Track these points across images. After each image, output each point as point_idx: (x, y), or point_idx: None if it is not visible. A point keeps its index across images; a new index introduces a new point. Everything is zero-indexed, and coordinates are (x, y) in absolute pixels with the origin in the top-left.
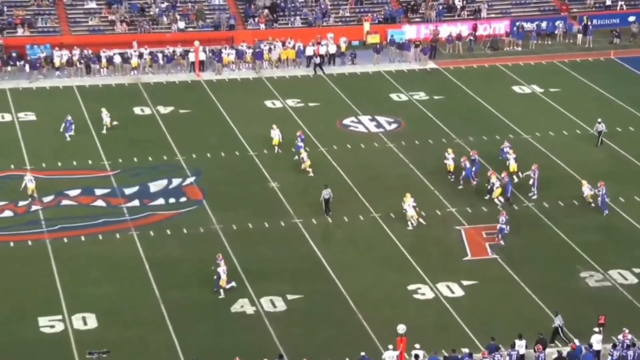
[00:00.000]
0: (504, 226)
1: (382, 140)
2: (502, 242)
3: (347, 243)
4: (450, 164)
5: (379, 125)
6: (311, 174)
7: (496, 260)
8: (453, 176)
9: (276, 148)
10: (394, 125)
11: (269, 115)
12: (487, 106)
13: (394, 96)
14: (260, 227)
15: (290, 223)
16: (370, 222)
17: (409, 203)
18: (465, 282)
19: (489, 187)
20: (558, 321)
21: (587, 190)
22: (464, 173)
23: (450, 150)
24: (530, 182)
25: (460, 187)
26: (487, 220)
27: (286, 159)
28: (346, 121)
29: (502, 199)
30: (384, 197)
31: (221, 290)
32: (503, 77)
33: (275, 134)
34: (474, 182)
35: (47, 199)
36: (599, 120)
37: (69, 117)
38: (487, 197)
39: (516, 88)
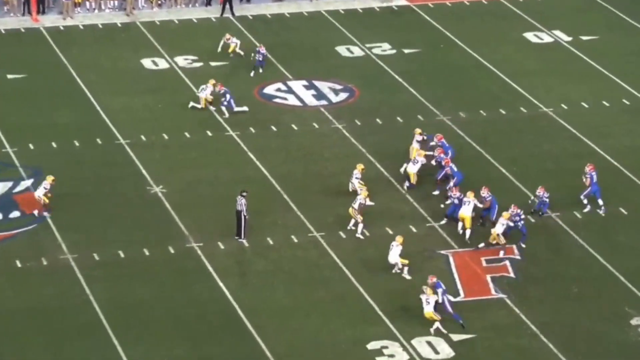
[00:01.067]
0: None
1: (326, 118)
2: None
3: (273, 279)
4: (411, 168)
5: (319, 95)
6: None
7: (503, 301)
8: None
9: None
10: (343, 95)
11: (148, 81)
12: (486, 64)
13: (342, 50)
14: (136, 257)
15: (184, 248)
16: (308, 246)
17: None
18: (455, 337)
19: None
20: None
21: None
22: (440, 172)
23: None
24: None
25: (436, 192)
26: (487, 239)
27: (177, 144)
28: (269, 89)
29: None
30: (329, 207)
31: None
32: (510, 19)
33: (232, 42)
34: (441, 188)
35: None
36: None
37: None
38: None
39: (530, 35)
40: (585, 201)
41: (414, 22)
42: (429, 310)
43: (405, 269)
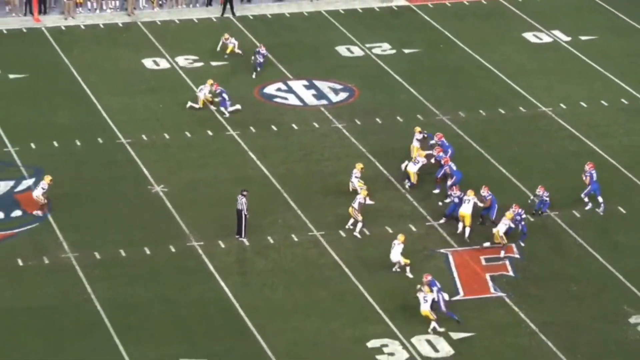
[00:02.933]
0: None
1: (326, 117)
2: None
3: (274, 278)
4: (411, 168)
5: (320, 94)
6: None
7: (502, 300)
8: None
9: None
10: (343, 95)
11: (149, 80)
12: (485, 64)
13: (342, 50)
14: (137, 256)
15: (185, 247)
16: (308, 245)
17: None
18: (455, 335)
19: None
20: None
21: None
22: (440, 170)
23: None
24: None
25: (437, 190)
26: (488, 238)
27: (178, 144)
28: (270, 89)
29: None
30: (329, 207)
31: None
32: (510, 19)
33: (231, 43)
34: (441, 187)
35: None
36: None
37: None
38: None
39: (529, 35)
40: (586, 199)
41: (414, 22)
42: (425, 309)
43: (407, 268)
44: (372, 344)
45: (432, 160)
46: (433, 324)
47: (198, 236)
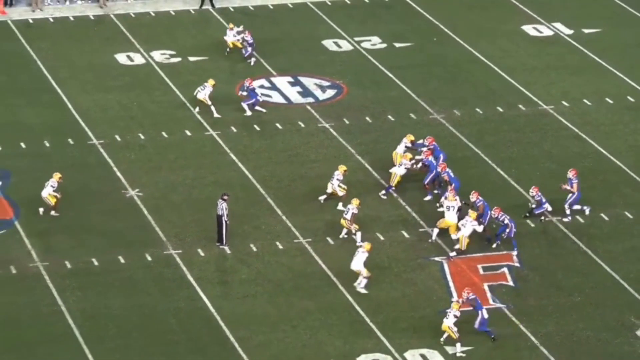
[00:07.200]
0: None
1: (312, 116)
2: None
3: (257, 288)
4: (397, 171)
5: (305, 92)
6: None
7: (501, 311)
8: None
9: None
10: (330, 92)
11: (123, 76)
12: (482, 59)
13: (329, 44)
14: (111, 265)
15: (162, 256)
16: (294, 253)
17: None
18: (451, 349)
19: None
20: None
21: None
22: (429, 175)
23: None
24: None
25: (429, 197)
26: (485, 246)
27: (154, 145)
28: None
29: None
30: (316, 212)
31: None
32: (508, 11)
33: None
34: (433, 193)
35: None
36: None
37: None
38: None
39: (529, 28)
40: (568, 211)
41: (406, 14)
42: (446, 324)
43: (364, 281)
44: (363, 359)
45: (418, 166)
46: (458, 346)
47: (176, 243)
